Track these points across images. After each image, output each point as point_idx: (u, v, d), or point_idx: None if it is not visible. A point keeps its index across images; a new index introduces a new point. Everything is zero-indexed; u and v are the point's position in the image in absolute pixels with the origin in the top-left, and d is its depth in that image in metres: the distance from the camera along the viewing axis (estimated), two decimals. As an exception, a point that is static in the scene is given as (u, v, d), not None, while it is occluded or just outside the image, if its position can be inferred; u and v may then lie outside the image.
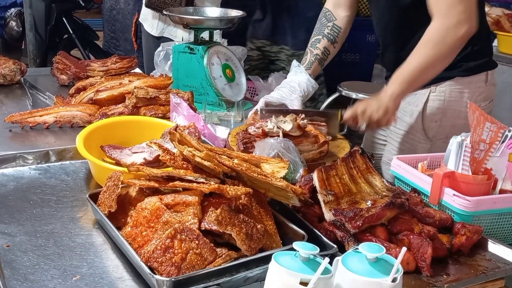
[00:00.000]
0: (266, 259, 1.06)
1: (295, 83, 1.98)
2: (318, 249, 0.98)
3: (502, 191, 1.46)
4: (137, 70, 2.49)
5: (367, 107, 1.71)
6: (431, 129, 1.89)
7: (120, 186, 1.28)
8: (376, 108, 1.69)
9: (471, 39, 1.71)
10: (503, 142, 1.42)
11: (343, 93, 3.94)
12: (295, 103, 1.94)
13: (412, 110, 1.92)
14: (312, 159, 1.68)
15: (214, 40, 2.36)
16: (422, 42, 1.67)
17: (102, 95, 2.03)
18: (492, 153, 1.42)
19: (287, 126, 1.64)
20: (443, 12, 1.63)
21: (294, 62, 2.06)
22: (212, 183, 1.19)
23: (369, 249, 0.97)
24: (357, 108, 1.74)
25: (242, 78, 2.31)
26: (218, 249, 1.13)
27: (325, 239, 1.22)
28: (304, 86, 1.97)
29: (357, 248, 1.00)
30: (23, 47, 4.65)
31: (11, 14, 5.45)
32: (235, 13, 2.33)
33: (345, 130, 1.83)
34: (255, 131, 1.69)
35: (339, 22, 2.04)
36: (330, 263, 0.97)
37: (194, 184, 1.19)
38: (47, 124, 1.94)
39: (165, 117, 1.94)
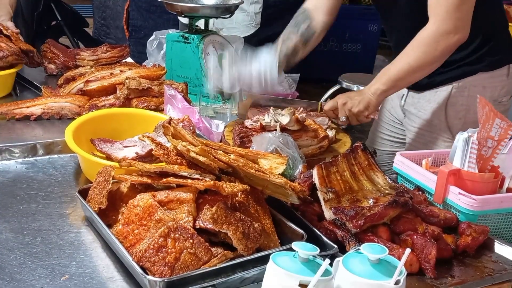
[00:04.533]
0: (264, 260, 1.05)
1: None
2: (318, 250, 0.97)
3: (509, 190, 1.45)
4: (129, 59, 2.45)
5: (349, 99, 1.76)
6: (455, 126, 1.88)
7: (111, 181, 1.27)
8: (357, 101, 1.74)
9: (494, 34, 1.71)
10: (511, 139, 1.41)
11: (344, 86, 3.90)
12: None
13: (433, 108, 1.91)
14: (311, 155, 1.67)
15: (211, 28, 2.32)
16: (414, 43, 1.69)
17: (92, 86, 2.00)
18: (500, 151, 1.41)
19: (284, 119, 1.63)
20: (440, 17, 1.66)
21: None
22: (207, 179, 1.18)
23: (371, 250, 0.96)
24: (338, 100, 1.79)
25: (238, 69, 2.26)
26: (213, 249, 1.12)
27: (325, 239, 1.21)
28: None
29: (358, 249, 0.99)
30: (9, 34, 4.57)
31: (-5, -1, 5.33)
32: (232, 0, 2.29)
33: (346, 125, 1.81)
34: (252, 124, 1.69)
35: (315, 25, 1.98)
36: (330, 264, 0.96)
37: (189, 180, 1.18)
38: (34, 116, 1.91)
39: (158, 109, 1.92)
